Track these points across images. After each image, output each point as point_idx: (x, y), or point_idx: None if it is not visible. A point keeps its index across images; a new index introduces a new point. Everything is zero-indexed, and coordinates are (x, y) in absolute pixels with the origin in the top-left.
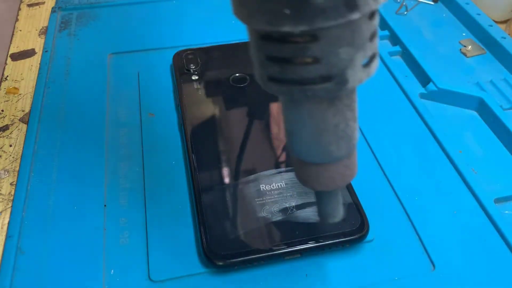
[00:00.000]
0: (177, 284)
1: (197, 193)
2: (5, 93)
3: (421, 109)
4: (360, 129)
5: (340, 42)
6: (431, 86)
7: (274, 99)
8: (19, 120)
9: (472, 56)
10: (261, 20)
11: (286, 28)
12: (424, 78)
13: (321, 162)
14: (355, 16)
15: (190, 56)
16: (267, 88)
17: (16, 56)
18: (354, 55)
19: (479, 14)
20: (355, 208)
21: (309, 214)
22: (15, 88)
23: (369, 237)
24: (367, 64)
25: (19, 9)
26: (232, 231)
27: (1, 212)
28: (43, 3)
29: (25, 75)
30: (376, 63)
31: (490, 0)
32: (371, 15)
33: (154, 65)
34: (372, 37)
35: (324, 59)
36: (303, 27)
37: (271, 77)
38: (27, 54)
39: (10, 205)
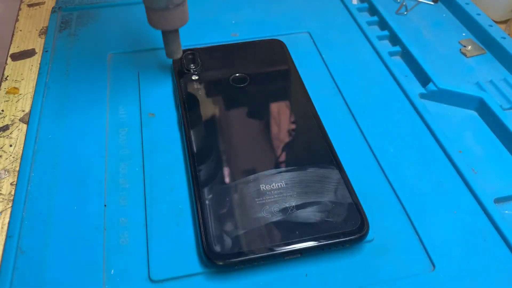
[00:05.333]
0: (177, 284)
1: (197, 193)
2: (5, 93)
3: (421, 109)
4: (360, 129)
5: None
6: (431, 86)
7: (274, 99)
8: (19, 120)
9: (472, 56)
10: None
11: None
12: (424, 78)
13: (165, 7)
14: None
15: (190, 56)
16: None
17: (16, 56)
18: None
19: (479, 14)
20: (355, 208)
21: (309, 214)
22: (15, 88)
23: (369, 237)
24: None
25: (19, 9)
26: (232, 231)
27: (1, 212)
28: (43, 3)
29: (25, 75)
30: None
31: (490, 0)
32: None
33: (154, 65)
34: None
35: None
36: None
37: None
38: (27, 54)
39: (10, 205)
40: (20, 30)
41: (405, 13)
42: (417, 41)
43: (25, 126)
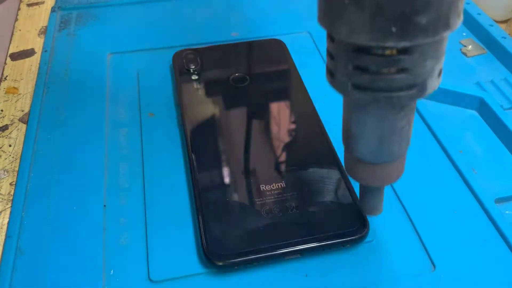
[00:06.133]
0: (177, 284)
1: (197, 193)
2: (5, 93)
3: (421, 109)
4: None
5: (428, 55)
6: None
7: (274, 99)
8: (19, 120)
9: (472, 56)
10: (364, 37)
11: (390, 44)
12: None
13: (384, 162)
14: (448, 33)
15: (190, 56)
16: (350, 95)
17: (16, 56)
18: (435, 66)
19: (479, 14)
20: (355, 208)
21: (309, 214)
22: (14, 88)
23: (369, 237)
24: (439, 74)
25: (19, 8)
26: (232, 231)
27: (1, 212)
28: (43, 2)
29: (25, 75)
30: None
31: (491, 0)
32: None
33: (154, 65)
34: (445, 50)
35: (412, 70)
36: (405, 43)
37: (358, 85)
38: (27, 54)
39: (9, 205)
40: (20, 30)
41: None
42: None
43: (24, 126)
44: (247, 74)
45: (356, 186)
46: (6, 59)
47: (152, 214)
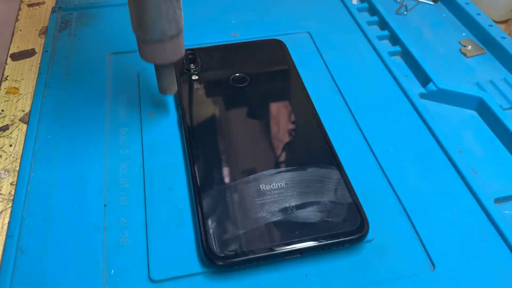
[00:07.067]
0: (177, 284)
1: (197, 193)
2: (5, 93)
3: (421, 109)
4: (360, 129)
5: None
6: (431, 86)
7: (274, 99)
8: (19, 120)
9: (472, 56)
10: None
11: None
12: (424, 78)
13: (158, 39)
14: None
15: (190, 56)
16: None
17: (16, 56)
18: None
19: (479, 14)
20: (355, 208)
21: (309, 214)
22: (15, 88)
23: (369, 237)
24: None
25: (19, 9)
26: (232, 231)
27: (1, 212)
28: (43, 3)
29: (25, 75)
30: None
31: (490, 0)
32: None
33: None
34: None
35: None
36: None
37: None
38: (27, 54)
39: (10, 205)
40: (20, 30)
41: (405, 13)
42: (417, 41)
43: (25, 126)
44: (247, 74)
45: (356, 187)
46: (6, 59)
47: (152, 214)
